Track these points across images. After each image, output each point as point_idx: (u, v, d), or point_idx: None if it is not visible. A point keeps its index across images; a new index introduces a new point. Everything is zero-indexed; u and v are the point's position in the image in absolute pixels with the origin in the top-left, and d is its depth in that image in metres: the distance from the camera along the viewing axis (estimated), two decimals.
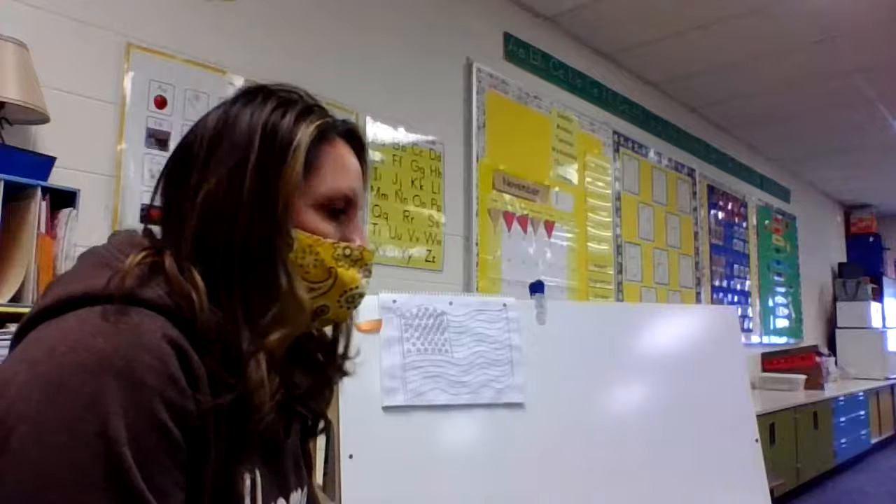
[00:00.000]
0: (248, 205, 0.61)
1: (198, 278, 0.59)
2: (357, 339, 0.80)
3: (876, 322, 7.16)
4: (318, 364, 0.77)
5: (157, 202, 0.67)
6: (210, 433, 0.56)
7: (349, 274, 0.69)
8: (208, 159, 0.63)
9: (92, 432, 0.49)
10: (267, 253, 0.62)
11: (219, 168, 0.62)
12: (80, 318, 0.54)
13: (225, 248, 0.61)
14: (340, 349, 0.77)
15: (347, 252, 0.68)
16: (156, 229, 0.68)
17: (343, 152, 0.71)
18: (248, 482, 0.63)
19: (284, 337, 0.63)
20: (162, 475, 0.52)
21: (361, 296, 0.71)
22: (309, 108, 0.70)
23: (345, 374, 0.79)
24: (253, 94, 0.68)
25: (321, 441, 1.38)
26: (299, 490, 0.76)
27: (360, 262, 0.70)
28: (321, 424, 0.81)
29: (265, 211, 0.62)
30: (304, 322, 0.67)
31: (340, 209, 0.69)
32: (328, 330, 0.77)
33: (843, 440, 5.35)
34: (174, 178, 0.66)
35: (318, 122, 0.68)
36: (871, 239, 7.91)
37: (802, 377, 5.18)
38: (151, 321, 0.55)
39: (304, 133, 0.65)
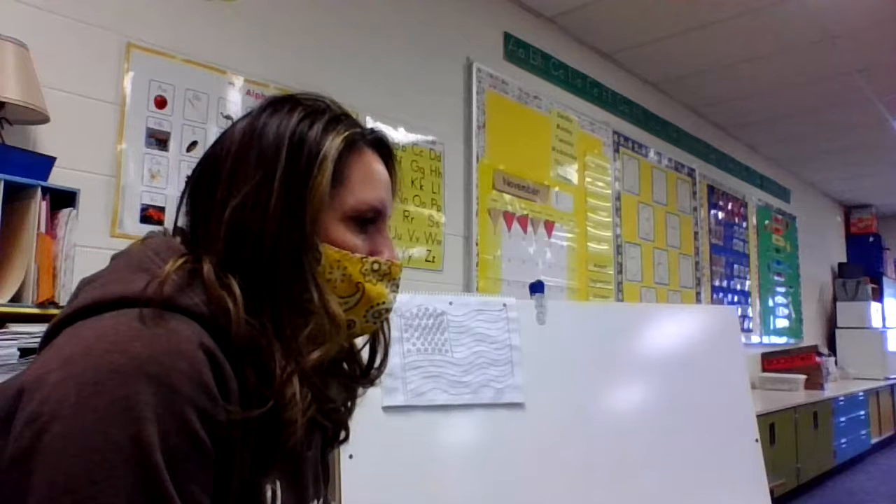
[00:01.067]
0: (274, 220, 0.61)
1: (236, 288, 0.59)
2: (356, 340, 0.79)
3: (876, 322, 7.16)
4: (349, 376, 0.76)
5: (183, 214, 0.67)
6: (238, 444, 0.56)
7: (377, 289, 0.68)
8: (235, 173, 0.63)
9: (126, 437, 0.49)
10: (296, 269, 0.61)
11: (246, 182, 0.62)
12: (117, 320, 0.54)
13: (253, 264, 0.60)
14: (377, 363, 0.77)
15: (376, 267, 0.68)
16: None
17: (371, 162, 0.70)
18: (269, 493, 0.62)
19: (323, 356, 0.63)
20: (191, 482, 0.52)
21: (388, 311, 0.70)
22: (336, 117, 0.68)
23: (374, 385, 0.78)
24: (280, 104, 0.67)
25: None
26: (316, 501, 0.75)
27: (389, 276, 0.69)
28: (342, 435, 0.80)
29: (293, 226, 0.61)
30: (340, 339, 0.65)
31: (369, 220, 0.68)
32: (359, 341, 0.77)
33: (843, 440, 5.35)
34: (202, 191, 0.65)
35: (345, 133, 0.67)
36: (871, 239, 7.91)
37: (802, 377, 5.18)
38: (188, 328, 0.55)
39: (332, 144, 0.65)
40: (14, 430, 0.50)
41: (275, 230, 0.61)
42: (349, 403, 0.78)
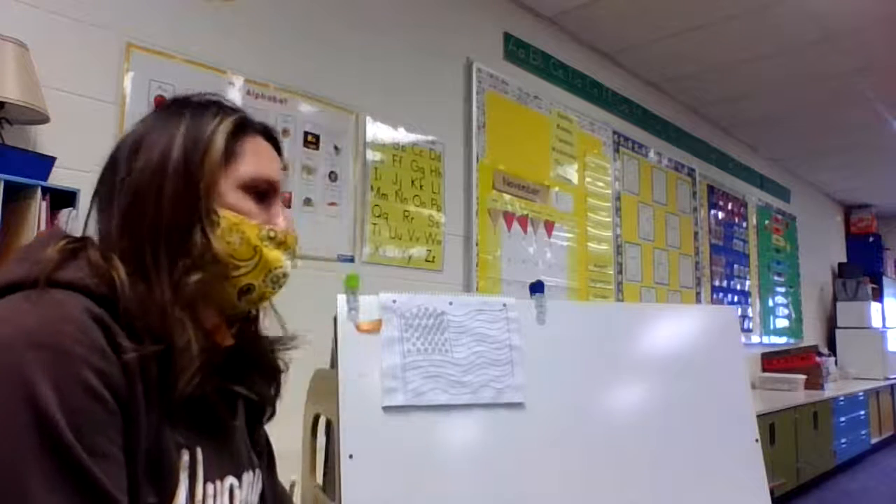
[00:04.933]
0: (171, 185, 0.66)
1: (117, 261, 0.62)
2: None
3: (876, 322, 7.16)
4: (259, 344, 0.80)
5: (94, 207, 0.71)
6: (139, 400, 0.58)
7: (274, 254, 0.72)
8: (134, 152, 0.68)
9: (20, 399, 0.51)
10: (190, 228, 0.66)
11: (144, 160, 0.67)
12: (3, 304, 0.57)
13: (151, 228, 0.65)
14: (282, 329, 0.82)
15: (272, 234, 0.72)
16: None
17: (262, 144, 0.76)
18: (185, 458, 0.64)
19: (202, 280, 0.66)
20: (97, 435, 0.54)
21: (286, 276, 0.75)
22: (226, 107, 0.75)
23: (293, 347, 0.83)
24: (171, 103, 0.74)
25: (321, 441, 1.38)
26: (251, 471, 0.78)
27: (284, 245, 0.74)
28: (269, 412, 0.85)
29: (187, 190, 0.67)
30: (220, 275, 0.69)
31: (264, 193, 0.73)
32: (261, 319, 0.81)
33: (843, 440, 5.35)
34: (105, 182, 0.70)
35: (235, 116, 0.73)
36: (871, 239, 7.91)
37: (802, 377, 5.18)
38: (73, 298, 0.58)
39: (222, 125, 0.71)
40: None
41: (171, 195, 0.66)
42: (270, 377, 0.82)
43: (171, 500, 0.62)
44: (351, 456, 1.19)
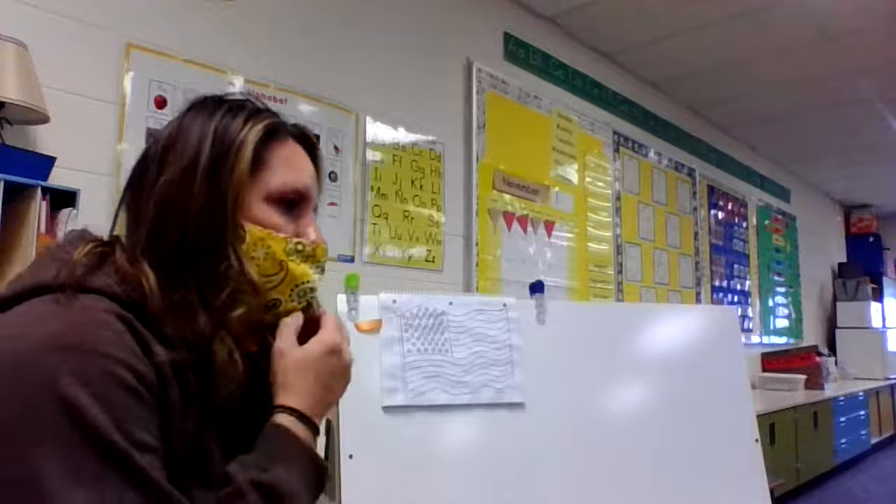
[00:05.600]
0: (198, 198, 0.64)
1: (147, 268, 0.62)
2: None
3: (876, 322, 7.15)
4: None
5: (124, 205, 0.71)
6: (175, 402, 0.58)
7: (301, 269, 0.70)
8: (163, 162, 0.66)
9: (56, 403, 0.50)
10: (217, 242, 0.65)
11: (173, 167, 0.65)
12: (33, 305, 0.57)
13: (178, 240, 0.64)
14: None
15: (300, 247, 0.70)
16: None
17: (294, 150, 0.73)
18: (217, 457, 0.64)
19: (244, 316, 0.66)
20: (139, 430, 0.54)
21: (313, 290, 0.73)
22: (258, 110, 0.72)
23: None
24: (205, 102, 0.72)
25: (321, 441, 1.38)
26: None
27: (313, 258, 0.72)
28: None
29: (215, 204, 0.65)
30: (258, 305, 0.68)
31: (293, 203, 0.71)
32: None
33: (843, 440, 5.35)
34: (134, 182, 0.69)
35: (267, 121, 0.70)
36: (871, 239, 7.91)
37: (802, 377, 5.18)
38: (102, 303, 0.58)
39: (252, 131, 0.68)
40: None
41: (198, 206, 0.64)
42: None
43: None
44: (351, 456, 1.19)
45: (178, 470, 0.57)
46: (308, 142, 0.76)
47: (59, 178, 1.65)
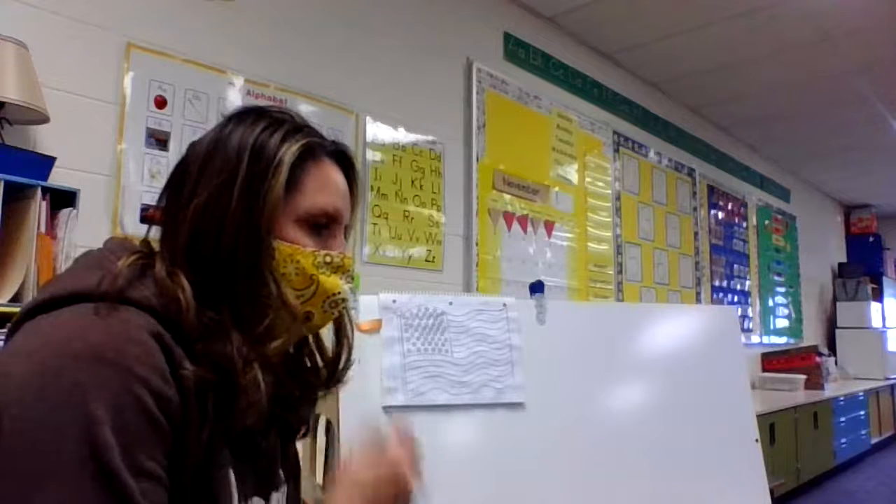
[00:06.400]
0: (233, 219, 0.65)
1: (185, 282, 0.63)
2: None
3: (876, 322, 7.15)
4: (309, 372, 0.80)
5: (160, 214, 0.71)
6: (193, 422, 0.59)
7: (331, 280, 0.71)
8: (201, 175, 0.67)
9: (80, 415, 0.52)
10: (253, 264, 0.66)
11: (209, 184, 0.66)
12: (74, 313, 0.58)
13: (213, 258, 0.65)
14: (341, 364, 0.81)
15: (328, 260, 0.71)
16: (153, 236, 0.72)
17: (328, 170, 0.73)
18: (232, 478, 0.65)
19: (283, 345, 0.68)
20: (143, 453, 0.55)
21: (344, 301, 0.74)
22: (298, 127, 0.72)
23: (338, 384, 0.82)
24: (245, 115, 0.72)
25: (321, 441, 1.38)
26: (279, 491, 0.78)
27: (342, 269, 0.72)
28: (303, 429, 0.85)
29: (249, 225, 0.65)
30: (297, 328, 0.70)
31: (322, 225, 0.71)
32: (329, 341, 0.80)
33: (843, 440, 5.35)
34: (171, 192, 0.70)
35: (303, 141, 0.70)
36: (871, 239, 7.91)
37: (802, 377, 5.18)
38: (139, 318, 0.59)
39: (288, 151, 0.68)
40: None
41: (233, 228, 0.65)
42: (313, 400, 0.82)
43: None
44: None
45: (186, 489, 0.59)
46: (345, 159, 0.76)
47: (59, 178, 1.65)
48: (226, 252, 0.65)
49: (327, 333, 0.81)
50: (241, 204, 0.65)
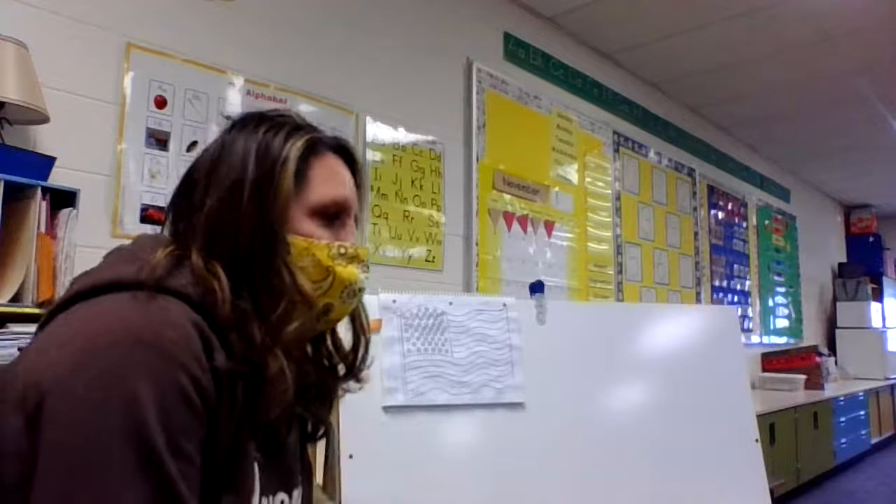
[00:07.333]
0: (246, 218, 0.67)
1: (221, 272, 0.64)
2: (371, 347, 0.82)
3: (876, 322, 7.15)
4: (327, 370, 0.81)
5: (168, 222, 0.72)
6: (224, 411, 0.60)
7: (347, 271, 0.73)
8: (209, 179, 0.69)
9: (120, 394, 0.53)
10: (268, 259, 0.67)
11: (220, 186, 0.68)
12: (113, 301, 0.60)
13: (229, 258, 0.66)
14: (358, 360, 0.82)
15: (342, 251, 0.73)
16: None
17: (332, 163, 0.76)
18: (257, 468, 0.66)
19: (298, 330, 0.68)
20: (184, 440, 0.56)
21: (362, 290, 0.76)
22: (298, 126, 0.75)
23: (356, 381, 0.83)
24: (247, 120, 0.74)
25: (321, 441, 1.38)
26: (299, 489, 0.79)
27: (357, 259, 0.74)
28: (321, 430, 0.86)
29: (263, 222, 0.67)
30: (312, 316, 0.71)
31: (333, 215, 0.74)
32: (346, 340, 0.82)
33: (843, 440, 5.35)
34: (182, 201, 0.72)
35: (306, 137, 0.73)
36: (871, 239, 7.91)
37: (802, 377, 5.18)
38: (178, 306, 0.60)
39: (293, 148, 0.71)
40: (25, 404, 0.53)
41: (247, 227, 0.67)
42: (329, 398, 0.83)
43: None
44: (351, 456, 1.19)
45: (213, 477, 0.60)
46: (347, 153, 0.79)
47: (59, 178, 1.65)
48: (243, 250, 0.66)
49: (344, 333, 0.82)
50: (253, 203, 0.67)
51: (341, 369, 0.81)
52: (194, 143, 2.03)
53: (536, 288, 1.50)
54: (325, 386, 0.81)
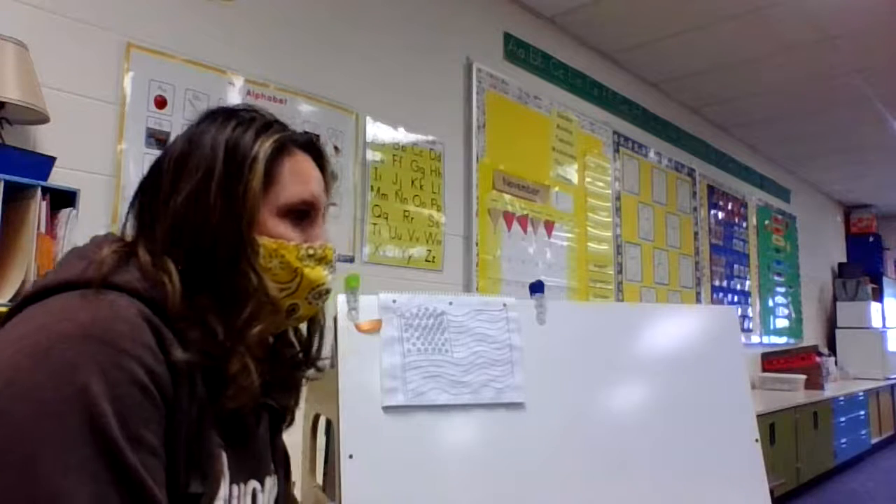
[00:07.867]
0: (214, 216, 0.67)
1: (171, 267, 0.64)
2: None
3: (876, 322, 7.15)
4: (286, 360, 0.82)
5: (133, 213, 0.72)
6: (182, 401, 0.61)
7: (315, 272, 0.73)
8: (177, 176, 0.69)
9: (73, 388, 0.53)
10: (234, 259, 0.67)
11: (187, 183, 0.68)
12: (62, 299, 0.60)
13: (195, 255, 0.66)
14: (314, 349, 0.83)
15: (311, 252, 0.73)
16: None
17: (301, 162, 0.75)
18: (224, 458, 0.66)
19: (262, 332, 0.69)
20: (141, 427, 0.56)
21: (328, 292, 0.76)
22: (267, 123, 0.74)
23: (315, 370, 0.84)
24: (215, 115, 0.74)
25: (321, 441, 1.38)
26: (269, 477, 0.80)
27: (324, 260, 0.74)
28: (287, 420, 0.87)
29: (230, 223, 0.67)
30: (279, 320, 0.72)
31: (302, 213, 0.74)
32: (302, 328, 0.83)
33: (843, 440, 5.35)
34: (147, 195, 0.71)
35: (275, 136, 0.72)
36: (871, 239, 7.91)
37: (802, 377, 5.18)
38: (125, 300, 0.60)
39: (262, 147, 0.70)
40: None
41: (214, 226, 0.67)
42: (293, 388, 0.85)
43: (215, 492, 0.64)
44: (351, 456, 1.19)
45: (179, 465, 0.60)
46: (315, 150, 0.79)
47: (59, 178, 1.65)
48: (206, 248, 0.66)
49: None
50: (221, 202, 0.67)
51: (300, 357, 0.82)
52: None
53: (536, 288, 1.50)
54: (288, 375, 0.82)
